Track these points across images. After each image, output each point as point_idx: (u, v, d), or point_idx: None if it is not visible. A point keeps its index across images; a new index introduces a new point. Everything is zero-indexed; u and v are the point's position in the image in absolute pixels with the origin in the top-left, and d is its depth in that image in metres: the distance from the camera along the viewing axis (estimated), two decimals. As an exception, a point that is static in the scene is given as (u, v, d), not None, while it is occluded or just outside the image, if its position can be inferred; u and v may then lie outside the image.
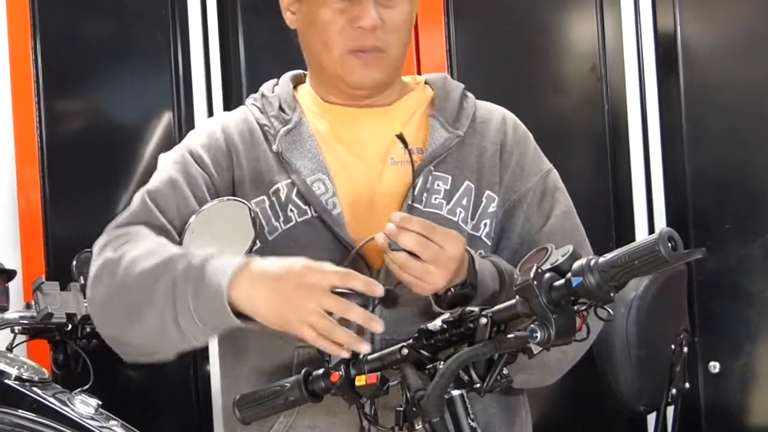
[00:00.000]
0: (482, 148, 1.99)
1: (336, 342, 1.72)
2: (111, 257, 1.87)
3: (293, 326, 1.73)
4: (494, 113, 2.04)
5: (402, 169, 1.96)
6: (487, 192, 1.96)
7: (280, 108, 2.02)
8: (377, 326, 1.73)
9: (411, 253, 1.74)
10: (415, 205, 1.92)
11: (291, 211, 1.94)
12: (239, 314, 1.76)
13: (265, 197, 1.96)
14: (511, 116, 2.06)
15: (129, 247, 1.87)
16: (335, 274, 1.74)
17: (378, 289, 1.73)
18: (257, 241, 1.91)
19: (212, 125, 2.04)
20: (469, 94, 2.07)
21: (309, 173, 1.96)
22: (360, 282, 1.73)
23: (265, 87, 2.08)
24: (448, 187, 1.94)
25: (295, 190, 1.95)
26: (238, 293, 1.75)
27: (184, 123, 3.68)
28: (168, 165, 2.00)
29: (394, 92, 2.03)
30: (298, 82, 2.09)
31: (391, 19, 1.92)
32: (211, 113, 3.66)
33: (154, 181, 1.98)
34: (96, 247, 1.92)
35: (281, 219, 1.94)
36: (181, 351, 1.86)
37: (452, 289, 1.78)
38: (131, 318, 1.83)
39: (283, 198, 1.95)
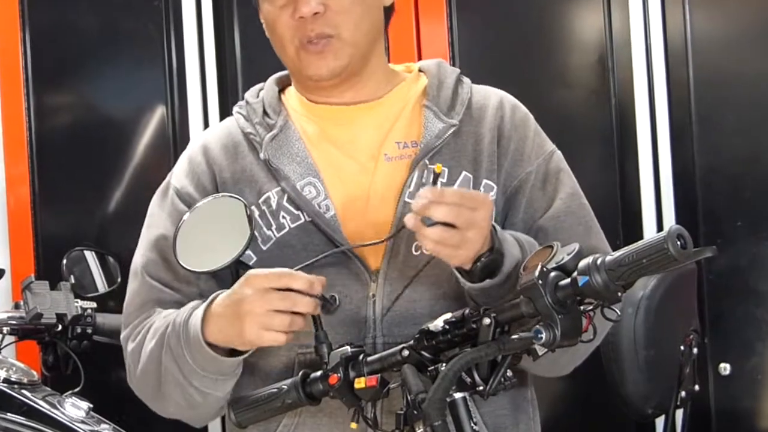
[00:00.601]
0: (479, 135, 1.97)
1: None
2: (132, 349, 1.96)
3: (253, 337, 1.77)
4: (491, 98, 2.03)
5: (396, 164, 1.95)
6: (485, 181, 1.94)
7: (265, 113, 2.02)
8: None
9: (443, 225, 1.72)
10: (411, 201, 1.92)
11: (283, 217, 1.94)
12: (233, 352, 1.83)
13: (254, 207, 1.95)
14: (509, 99, 2.04)
15: (144, 333, 1.93)
16: (273, 274, 1.77)
17: (318, 288, 1.77)
18: (252, 254, 1.92)
19: (192, 149, 2.06)
20: (465, 80, 2.05)
21: (298, 178, 1.95)
22: (300, 281, 1.76)
23: (249, 93, 2.08)
24: (444, 180, 1.92)
25: (285, 197, 1.95)
26: (211, 332, 1.81)
27: (178, 117, 3.68)
28: (156, 216, 2.02)
29: (382, 84, 2.02)
30: (285, 84, 2.08)
31: (337, 2, 1.91)
32: (205, 107, 3.66)
33: (144, 247, 2.00)
34: (122, 342, 2.01)
35: (274, 227, 1.94)
36: (223, 406, 1.93)
37: (482, 259, 1.77)
38: (162, 398, 1.92)
39: (274, 206, 1.95)
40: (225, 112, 3.59)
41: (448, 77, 2.03)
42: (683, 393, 2.66)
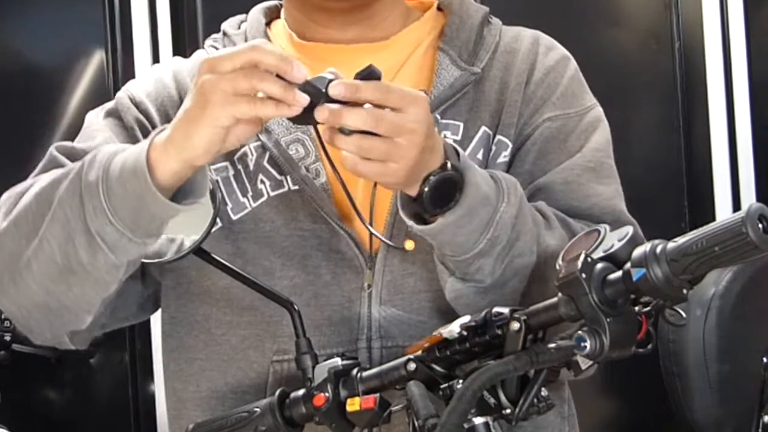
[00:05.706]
0: (505, 83, 1.98)
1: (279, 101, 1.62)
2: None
3: (216, 120, 1.62)
4: (523, 40, 2.04)
5: None
6: (499, 137, 1.95)
7: None
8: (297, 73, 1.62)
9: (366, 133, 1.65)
10: None
11: (262, 182, 1.94)
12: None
13: (228, 164, 1.96)
14: (545, 39, 2.06)
15: (22, 190, 1.87)
16: (236, 52, 1.63)
17: (296, 71, 1.62)
18: (218, 220, 1.91)
19: (160, 71, 2.06)
20: (495, 20, 2.07)
21: (284, 132, 1.96)
22: (269, 56, 1.62)
23: (229, 24, 2.09)
24: (459, 138, 1.93)
25: (267, 156, 1.95)
26: (155, 151, 1.67)
27: (121, 64, 3.69)
28: (95, 122, 1.99)
29: (390, 21, 2.02)
30: (272, 17, 2.09)
31: None
32: (156, 53, 3.66)
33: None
34: None
35: (250, 194, 1.94)
36: (99, 297, 1.79)
37: (431, 177, 1.70)
38: (25, 250, 1.79)
39: (251, 165, 1.95)
40: (182, 59, 3.59)
41: (471, 16, 2.05)
42: (766, 418, 2.67)
